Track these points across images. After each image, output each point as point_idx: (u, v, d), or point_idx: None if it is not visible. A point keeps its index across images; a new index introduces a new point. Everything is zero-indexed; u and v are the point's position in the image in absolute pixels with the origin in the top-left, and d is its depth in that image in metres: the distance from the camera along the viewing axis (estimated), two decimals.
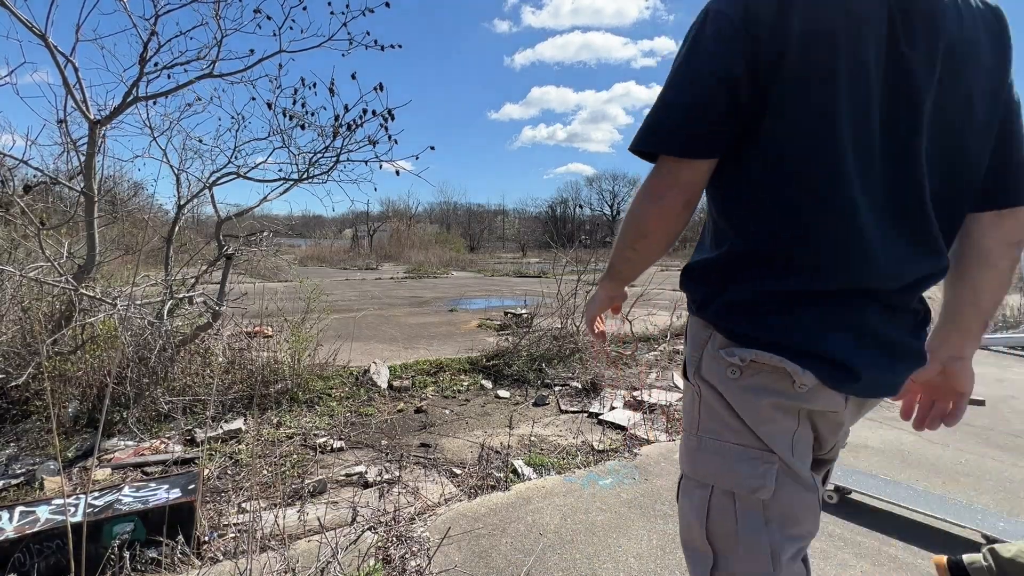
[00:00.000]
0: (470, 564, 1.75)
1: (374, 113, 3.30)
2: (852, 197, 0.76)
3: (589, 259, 5.86)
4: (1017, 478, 2.49)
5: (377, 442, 2.86)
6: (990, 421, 3.30)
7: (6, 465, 2.41)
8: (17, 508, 1.72)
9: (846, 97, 0.73)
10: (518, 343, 4.55)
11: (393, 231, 32.53)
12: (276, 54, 3.14)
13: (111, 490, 1.85)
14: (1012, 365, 4.87)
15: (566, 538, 1.92)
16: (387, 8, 3.12)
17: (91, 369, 2.89)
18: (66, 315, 3.01)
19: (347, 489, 2.31)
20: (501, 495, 2.23)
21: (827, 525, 2.03)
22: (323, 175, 3.56)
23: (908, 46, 0.74)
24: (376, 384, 3.82)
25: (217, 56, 3.06)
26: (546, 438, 2.95)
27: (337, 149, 3.48)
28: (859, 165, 0.76)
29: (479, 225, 54.93)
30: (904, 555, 1.85)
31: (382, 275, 17.19)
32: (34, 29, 2.57)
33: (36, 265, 3.15)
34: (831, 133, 0.74)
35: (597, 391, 3.79)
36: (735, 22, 0.75)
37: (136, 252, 4.15)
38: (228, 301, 3.54)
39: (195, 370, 3.25)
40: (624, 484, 2.36)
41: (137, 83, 2.93)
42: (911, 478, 2.47)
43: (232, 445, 2.73)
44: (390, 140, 3.39)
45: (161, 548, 1.63)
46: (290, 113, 3.40)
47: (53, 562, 1.59)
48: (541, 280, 13.95)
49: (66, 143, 3.15)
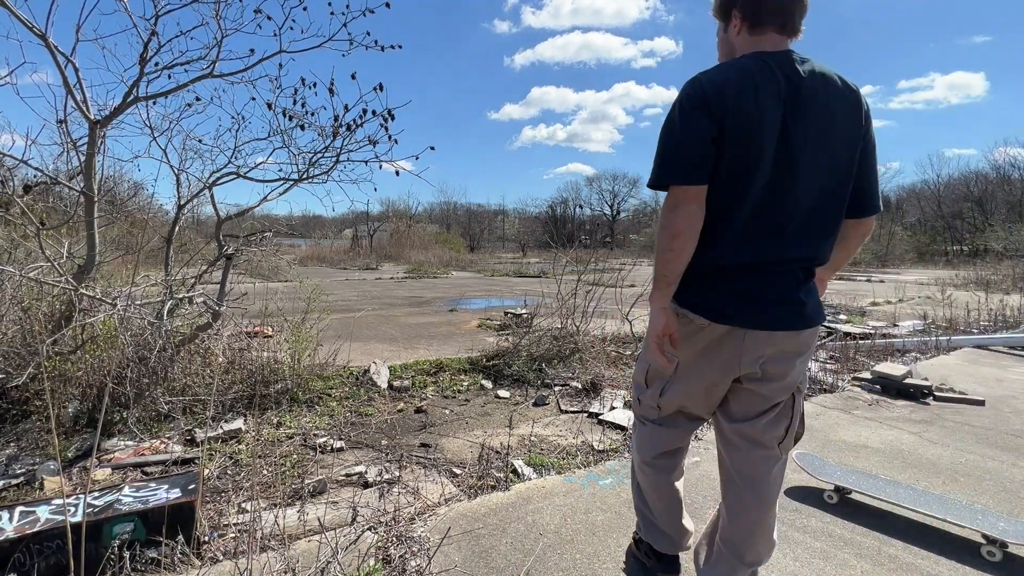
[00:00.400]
0: (470, 564, 1.75)
1: (374, 113, 3.30)
2: (743, 218, 1.31)
3: (589, 259, 5.86)
4: (1017, 478, 2.49)
5: (377, 442, 2.86)
6: (990, 421, 3.30)
7: (6, 465, 2.41)
8: (17, 508, 1.72)
9: (754, 156, 1.26)
10: (518, 343, 4.55)
11: (393, 231, 32.53)
12: (276, 54, 3.14)
13: (111, 490, 1.85)
14: (1012, 365, 4.87)
15: (566, 538, 1.92)
16: (387, 8, 3.11)
17: (91, 369, 2.89)
18: (66, 315, 3.02)
19: (347, 489, 2.31)
20: (501, 495, 2.23)
21: (827, 525, 2.03)
22: (323, 175, 3.56)
23: (792, 122, 1.27)
24: (376, 384, 3.82)
25: (217, 56, 3.06)
26: (546, 438, 2.95)
27: (337, 149, 3.48)
28: (754, 198, 1.29)
29: (479, 225, 54.91)
30: (904, 555, 1.85)
31: (382, 275, 17.18)
32: (34, 29, 2.57)
33: (36, 265, 3.16)
34: (741, 179, 1.28)
35: (597, 391, 3.79)
36: (697, 104, 1.28)
37: (136, 252, 4.15)
38: (228, 301, 3.54)
39: (195, 370, 3.25)
40: (624, 484, 2.35)
41: (137, 83, 2.93)
42: (911, 478, 2.46)
43: (232, 445, 2.73)
44: (390, 140, 3.39)
45: (161, 548, 1.63)
46: (290, 113, 3.40)
47: (53, 562, 1.59)
48: (541, 280, 13.94)
49: (66, 143, 3.15)
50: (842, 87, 1.33)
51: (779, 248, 1.32)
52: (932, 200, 45.80)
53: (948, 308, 7.71)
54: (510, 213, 61.94)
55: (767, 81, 1.26)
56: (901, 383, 3.82)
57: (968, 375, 4.45)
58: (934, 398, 3.73)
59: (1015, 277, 13.33)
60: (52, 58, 2.64)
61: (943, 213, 44.11)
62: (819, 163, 1.31)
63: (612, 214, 60.48)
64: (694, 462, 2.56)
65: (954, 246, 41.14)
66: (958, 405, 3.63)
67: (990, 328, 6.56)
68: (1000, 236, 21.96)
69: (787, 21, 1.34)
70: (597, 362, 4.23)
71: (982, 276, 14.21)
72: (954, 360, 5.02)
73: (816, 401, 3.68)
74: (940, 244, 40.64)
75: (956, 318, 6.87)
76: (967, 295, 9.92)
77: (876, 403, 3.66)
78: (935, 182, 46.82)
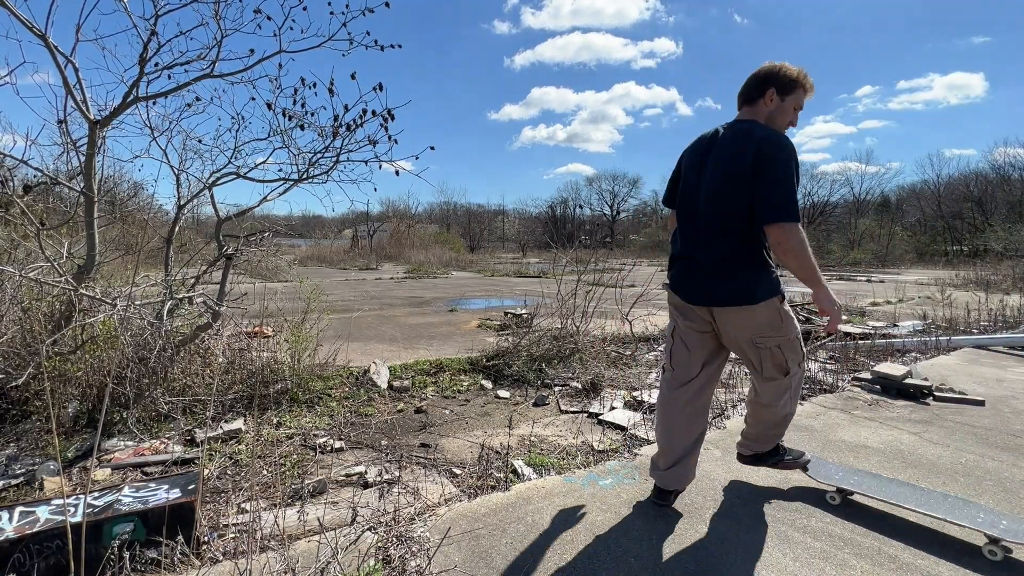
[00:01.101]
0: (470, 564, 1.75)
1: (374, 113, 3.30)
2: (681, 224, 2.13)
3: (589, 259, 5.86)
4: (1017, 478, 2.49)
5: (377, 442, 2.85)
6: (990, 421, 3.30)
7: (6, 465, 2.41)
8: (17, 508, 1.72)
9: (685, 183, 2.12)
10: (518, 343, 4.55)
11: (393, 231, 32.54)
12: (276, 54, 3.14)
13: (111, 490, 1.85)
14: (1012, 365, 4.87)
15: (566, 538, 1.92)
16: (387, 8, 3.11)
17: (91, 369, 2.89)
18: (66, 315, 3.01)
19: (347, 489, 2.31)
20: (501, 495, 2.23)
21: (827, 525, 2.03)
22: (323, 175, 3.56)
23: (702, 164, 2.04)
24: (376, 384, 3.82)
25: (217, 56, 3.06)
26: (546, 438, 2.95)
27: (337, 149, 3.48)
28: (682, 212, 2.11)
29: (479, 225, 54.93)
30: (904, 555, 1.85)
31: (382, 275, 17.18)
32: (34, 29, 2.57)
33: (36, 265, 3.16)
34: (680, 198, 2.14)
35: (597, 391, 3.79)
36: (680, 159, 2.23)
37: (136, 252, 4.15)
38: (228, 301, 3.54)
39: (195, 370, 3.25)
40: (624, 484, 2.36)
41: (137, 83, 2.93)
42: (911, 478, 2.46)
43: (232, 445, 2.72)
44: (390, 140, 3.39)
45: (161, 548, 1.63)
46: (290, 113, 3.40)
47: (53, 562, 1.59)
48: (541, 280, 13.95)
49: (66, 143, 3.15)
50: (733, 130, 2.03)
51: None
52: (932, 200, 45.81)
53: (948, 308, 7.71)
54: (510, 213, 61.99)
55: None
56: (901, 383, 3.82)
57: (968, 375, 4.45)
58: (934, 398, 3.73)
59: (1015, 277, 13.33)
60: (52, 58, 2.64)
61: (943, 213, 44.11)
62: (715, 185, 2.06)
63: (612, 214, 60.50)
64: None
65: (954, 246, 41.16)
66: (958, 405, 3.63)
67: (990, 328, 6.56)
68: (1000, 236, 21.95)
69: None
70: (597, 362, 4.23)
71: (982, 276, 14.21)
72: (954, 360, 5.02)
73: (816, 401, 3.68)
74: (940, 244, 40.66)
75: (956, 318, 6.87)
76: (967, 295, 9.92)
77: (876, 403, 3.66)
78: (935, 182, 46.89)
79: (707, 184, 1.97)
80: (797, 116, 2.09)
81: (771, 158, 1.82)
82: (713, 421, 3.19)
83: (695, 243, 2.01)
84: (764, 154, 1.83)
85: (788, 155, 1.84)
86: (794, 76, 2.00)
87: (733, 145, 1.92)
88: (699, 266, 1.99)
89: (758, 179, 1.82)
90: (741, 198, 1.86)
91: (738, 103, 2.10)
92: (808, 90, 2.05)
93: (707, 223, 1.96)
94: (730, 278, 1.92)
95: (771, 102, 2.00)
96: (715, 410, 3.32)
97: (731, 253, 1.92)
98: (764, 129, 1.91)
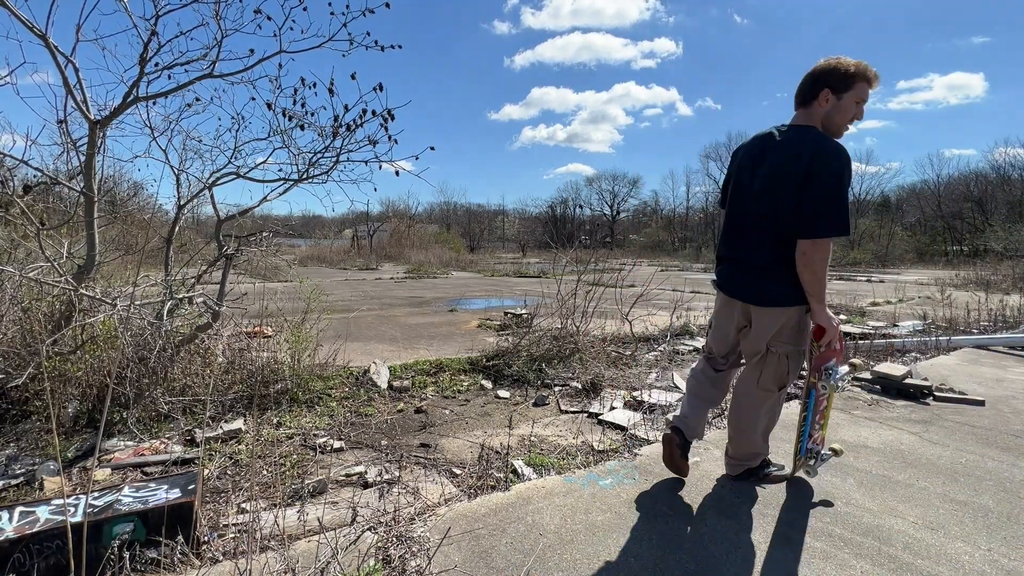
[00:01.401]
0: (470, 564, 1.75)
1: (374, 113, 3.30)
2: (726, 225, 2.24)
3: (589, 259, 5.86)
4: (1017, 478, 2.48)
5: (377, 442, 2.85)
6: (990, 421, 3.30)
7: (6, 465, 2.41)
8: (17, 508, 1.72)
9: (737, 183, 2.19)
10: (518, 343, 4.55)
11: (393, 231, 32.54)
12: (276, 54, 3.14)
13: (111, 490, 1.85)
14: (1012, 365, 4.87)
15: (566, 538, 1.92)
16: (387, 8, 3.11)
17: (91, 369, 2.89)
18: (66, 315, 3.01)
19: (347, 489, 2.31)
20: (501, 495, 2.23)
21: (827, 525, 2.03)
22: (323, 175, 3.56)
23: (755, 166, 2.09)
24: (376, 384, 3.82)
25: (217, 56, 3.06)
26: (546, 438, 2.95)
27: (337, 149, 3.48)
28: (732, 213, 2.19)
29: (479, 225, 54.95)
30: (904, 555, 1.85)
31: (382, 275, 17.18)
32: (34, 29, 2.57)
33: (36, 265, 3.16)
34: (731, 197, 2.22)
35: (597, 391, 3.79)
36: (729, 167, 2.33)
37: (136, 252, 4.16)
38: (228, 301, 3.54)
39: (195, 370, 3.25)
40: (624, 484, 2.36)
41: (137, 83, 2.93)
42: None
43: (232, 445, 2.72)
44: (390, 140, 3.39)
45: (161, 548, 1.64)
46: (290, 113, 3.40)
47: (53, 562, 1.59)
48: (541, 280, 13.95)
49: (66, 143, 3.15)
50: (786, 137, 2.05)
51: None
52: (932, 200, 45.80)
53: (948, 308, 7.71)
54: (510, 213, 62.01)
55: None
56: (901, 383, 3.82)
57: (968, 375, 4.45)
58: (934, 398, 3.73)
59: (1015, 277, 13.33)
60: (52, 58, 2.64)
61: (943, 213, 44.10)
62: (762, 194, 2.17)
63: (612, 214, 60.47)
64: (694, 462, 2.55)
65: (954, 246, 41.16)
66: (958, 405, 3.63)
67: (990, 328, 6.56)
68: (1000, 236, 21.95)
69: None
70: (597, 362, 4.23)
71: (982, 276, 14.21)
72: (954, 360, 5.01)
73: None
74: (940, 244, 40.67)
75: (956, 318, 6.87)
76: (967, 295, 9.92)
77: (876, 403, 3.66)
78: (935, 182, 46.90)
79: (759, 188, 2.03)
80: (862, 110, 2.00)
81: (818, 175, 1.86)
82: (713, 421, 3.19)
83: (746, 243, 2.09)
84: (813, 171, 1.86)
85: (838, 168, 1.85)
86: (851, 71, 1.92)
87: (783, 153, 1.95)
88: (751, 266, 2.07)
89: (804, 194, 1.88)
90: (788, 206, 1.92)
91: (795, 104, 2.06)
92: (872, 80, 1.96)
93: (757, 225, 2.04)
94: (781, 280, 2.00)
95: (826, 103, 1.96)
96: (715, 410, 3.32)
97: (780, 255, 1.99)
98: (815, 141, 1.89)
